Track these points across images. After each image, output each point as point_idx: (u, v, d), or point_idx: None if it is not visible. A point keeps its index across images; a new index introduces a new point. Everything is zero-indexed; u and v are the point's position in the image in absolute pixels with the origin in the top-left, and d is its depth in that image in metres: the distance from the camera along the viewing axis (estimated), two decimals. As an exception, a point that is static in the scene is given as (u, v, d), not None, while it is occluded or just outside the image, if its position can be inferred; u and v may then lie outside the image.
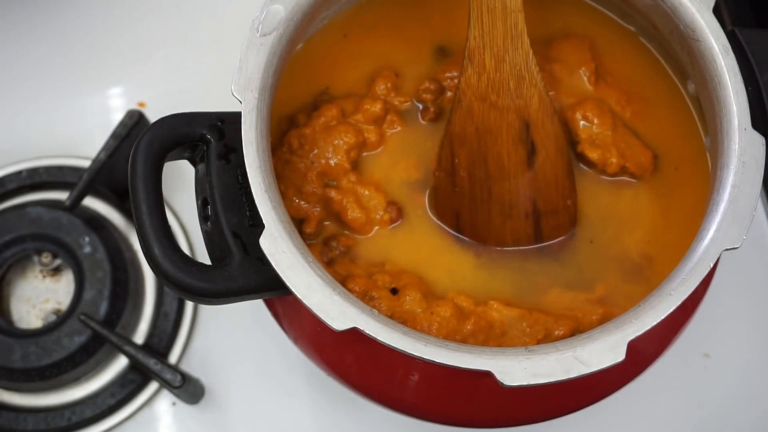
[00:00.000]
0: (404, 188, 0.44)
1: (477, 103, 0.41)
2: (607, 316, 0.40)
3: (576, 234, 0.43)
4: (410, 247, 0.43)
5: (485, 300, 0.41)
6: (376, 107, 0.44)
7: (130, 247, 0.55)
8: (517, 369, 0.33)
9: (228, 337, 0.54)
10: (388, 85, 0.45)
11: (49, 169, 0.56)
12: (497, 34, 0.40)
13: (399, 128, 0.44)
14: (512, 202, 0.42)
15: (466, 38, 0.40)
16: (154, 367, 0.49)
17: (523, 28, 0.40)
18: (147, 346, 0.53)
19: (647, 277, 0.42)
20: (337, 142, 0.43)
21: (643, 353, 0.42)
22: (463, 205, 0.43)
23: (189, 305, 0.54)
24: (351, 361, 0.42)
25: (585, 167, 0.44)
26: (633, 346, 0.34)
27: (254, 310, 0.52)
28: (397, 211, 0.43)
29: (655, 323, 0.34)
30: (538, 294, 0.42)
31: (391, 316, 0.39)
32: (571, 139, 0.44)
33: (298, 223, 0.42)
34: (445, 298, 0.41)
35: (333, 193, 0.42)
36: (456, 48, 0.46)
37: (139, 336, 0.53)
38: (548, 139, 0.42)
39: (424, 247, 0.43)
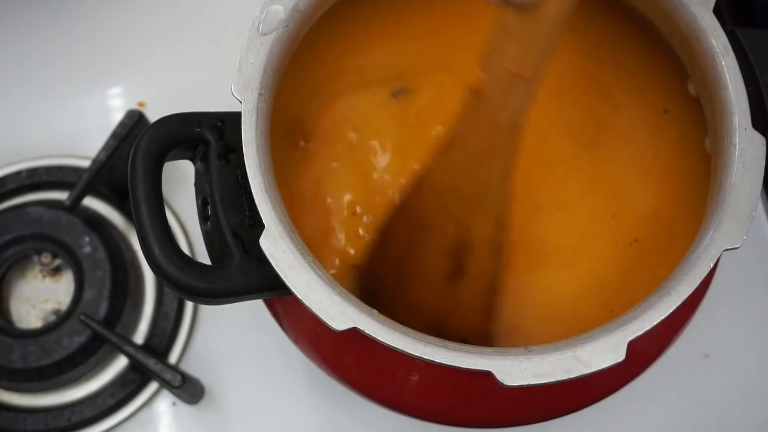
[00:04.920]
0: None
1: (431, 194, 0.38)
2: None
3: None
4: None
5: None
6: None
7: (130, 247, 0.55)
8: (517, 369, 0.33)
9: (228, 337, 0.54)
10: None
11: (49, 169, 0.56)
12: (482, 141, 0.36)
13: None
14: (424, 306, 0.40)
15: (453, 128, 0.37)
16: (154, 367, 0.49)
17: (511, 152, 0.36)
18: (147, 346, 0.53)
19: None
20: None
21: (643, 353, 0.42)
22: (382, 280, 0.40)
23: (189, 305, 0.54)
24: (351, 361, 0.42)
25: None
26: (633, 346, 0.34)
27: (254, 310, 0.52)
28: None
29: (655, 323, 0.34)
30: None
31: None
32: None
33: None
34: None
35: None
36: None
37: (139, 336, 0.53)
38: (481, 272, 0.39)
39: None
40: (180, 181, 0.53)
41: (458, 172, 0.37)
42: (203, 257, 0.38)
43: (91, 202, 0.56)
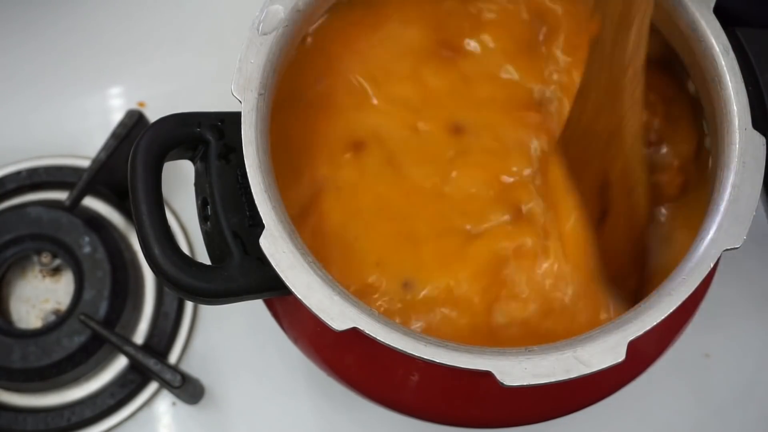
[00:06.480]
0: None
1: (576, 138, 0.40)
2: None
3: None
4: None
5: None
6: None
7: (130, 247, 0.55)
8: (517, 369, 0.33)
9: (228, 337, 0.54)
10: None
11: (48, 169, 0.56)
12: (606, 83, 0.38)
13: None
14: None
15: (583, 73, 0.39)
16: (154, 367, 0.49)
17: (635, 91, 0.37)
18: (147, 346, 0.53)
19: None
20: None
21: (643, 353, 0.42)
22: None
23: (189, 305, 0.54)
24: (351, 361, 0.42)
25: None
26: (633, 346, 0.34)
27: (254, 310, 0.52)
28: None
29: (655, 323, 0.34)
30: None
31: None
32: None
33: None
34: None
35: None
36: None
37: (139, 336, 0.53)
38: (622, 208, 0.40)
39: None
40: (180, 181, 0.53)
41: (590, 115, 0.39)
42: (203, 257, 0.38)
43: (91, 202, 0.56)
